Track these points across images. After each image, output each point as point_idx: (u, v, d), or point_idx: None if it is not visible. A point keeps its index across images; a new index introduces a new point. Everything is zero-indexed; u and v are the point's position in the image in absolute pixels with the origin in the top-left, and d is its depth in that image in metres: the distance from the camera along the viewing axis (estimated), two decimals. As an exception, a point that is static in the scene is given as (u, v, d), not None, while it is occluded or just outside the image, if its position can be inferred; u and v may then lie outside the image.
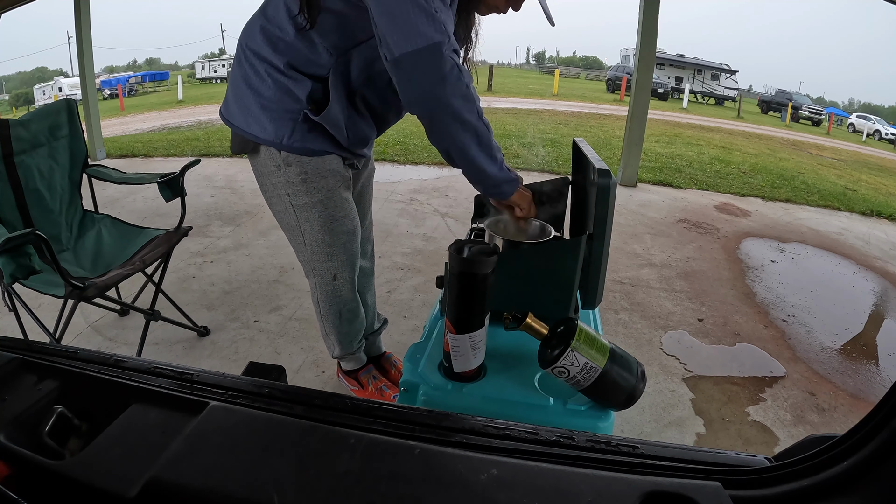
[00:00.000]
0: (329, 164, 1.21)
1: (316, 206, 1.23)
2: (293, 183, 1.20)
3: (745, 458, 0.44)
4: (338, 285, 1.35)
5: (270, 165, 1.20)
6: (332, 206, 1.24)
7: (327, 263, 1.31)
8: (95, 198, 1.95)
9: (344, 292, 1.37)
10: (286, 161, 1.18)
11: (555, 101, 14.56)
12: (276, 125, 1.14)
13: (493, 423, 0.47)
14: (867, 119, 20.55)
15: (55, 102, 1.82)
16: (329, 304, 1.37)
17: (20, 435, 0.42)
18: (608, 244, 0.95)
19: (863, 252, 3.26)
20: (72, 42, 32.79)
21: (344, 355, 1.51)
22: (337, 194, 1.25)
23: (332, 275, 1.33)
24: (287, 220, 1.28)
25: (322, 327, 1.45)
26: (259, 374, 0.54)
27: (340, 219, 1.27)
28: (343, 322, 1.41)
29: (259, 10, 1.14)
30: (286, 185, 1.21)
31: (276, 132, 1.14)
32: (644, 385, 0.80)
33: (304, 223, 1.26)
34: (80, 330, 1.96)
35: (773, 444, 1.54)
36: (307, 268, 1.34)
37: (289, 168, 1.18)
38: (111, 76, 26.53)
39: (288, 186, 1.21)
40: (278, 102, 1.12)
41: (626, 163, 4.23)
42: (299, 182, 1.20)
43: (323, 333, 1.47)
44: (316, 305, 1.41)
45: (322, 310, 1.39)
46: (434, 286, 1.05)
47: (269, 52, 1.10)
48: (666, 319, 2.20)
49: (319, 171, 1.20)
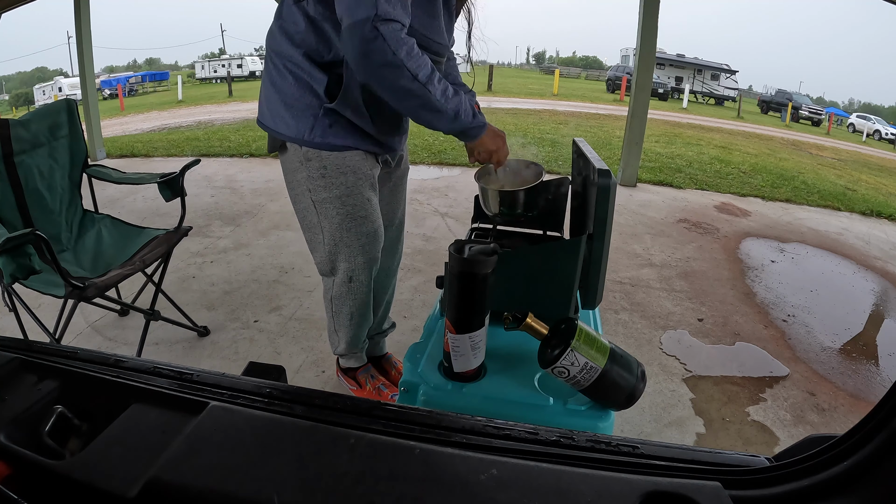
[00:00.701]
0: (350, 161, 1.21)
1: (334, 201, 1.23)
2: (313, 178, 1.22)
3: (745, 458, 0.44)
4: (353, 287, 1.34)
5: (295, 162, 1.22)
6: (352, 203, 1.24)
7: (345, 264, 1.30)
8: (95, 198, 1.95)
9: (359, 294, 1.36)
10: (307, 156, 1.20)
11: (555, 101, 14.56)
12: (298, 121, 1.17)
13: (493, 423, 0.47)
14: (867, 119, 20.55)
15: (55, 102, 1.82)
16: (342, 303, 1.37)
17: (20, 435, 0.42)
18: (608, 244, 0.95)
19: (863, 252, 3.26)
20: (72, 42, 32.81)
21: (347, 353, 1.51)
22: (358, 192, 1.24)
23: (348, 276, 1.32)
24: (308, 219, 1.29)
25: (331, 324, 1.44)
26: (259, 374, 0.54)
27: (360, 218, 1.26)
28: (353, 324, 1.41)
29: (276, 14, 1.20)
30: (307, 181, 1.23)
31: (298, 128, 1.17)
32: (644, 385, 0.80)
33: (323, 220, 1.26)
34: (80, 330, 1.96)
35: (773, 444, 1.54)
36: (324, 267, 1.34)
37: (309, 163, 1.20)
38: (111, 76, 26.54)
39: (309, 182, 1.23)
40: (299, 99, 1.16)
41: (626, 163, 4.24)
42: (318, 177, 1.21)
43: (330, 329, 1.47)
44: (329, 303, 1.40)
45: (334, 308, 1.39)
46: (434, 286, 1.05)
47: (287, 47, 1.15)
48: (666, 319, 2.20)
49: (339, 167, 1.21)
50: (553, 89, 17.71)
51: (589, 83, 29.60)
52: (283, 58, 1.16)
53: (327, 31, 1.13)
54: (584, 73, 41.88)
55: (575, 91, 19.61)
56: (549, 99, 15.16)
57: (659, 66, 21.08)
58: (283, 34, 1.16)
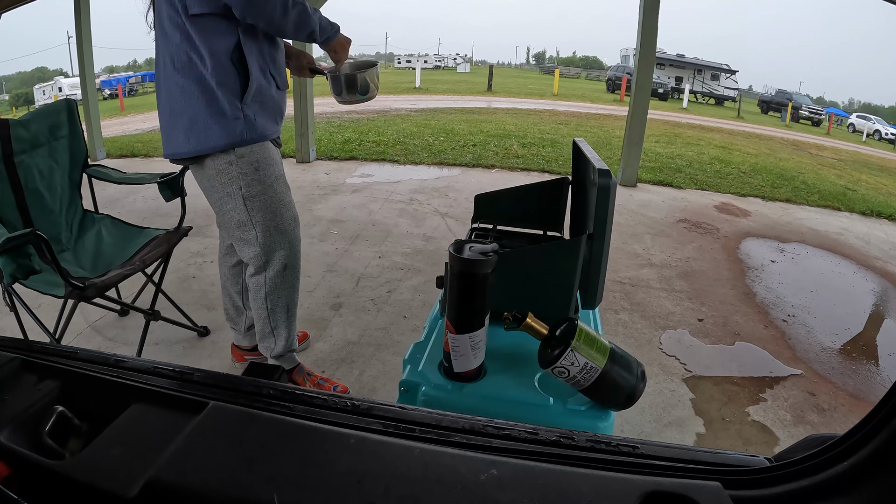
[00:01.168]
0: (271, 151, 1.33)
1: (267, 191, 1.32)
2: (246, 174, 1.29)
3: (745, 458, 0.44)
4: (287, 276, 1.40)
5: (221, 165, 1.29)
6: (279, 190, 1.35)
7: (281, 251, 1.37)
8: (95, 198, 1.95)
9: (294, 282, 1.42)
10: (239, 155, 1.28)
11: (555, 101, 14.56)
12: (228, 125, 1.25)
13: (493, 423, 0.47)
14: (867, 119, 20.54)
15: (55, 102, 1.82)
16: (278, 296, 1.41)
17: (20, 435, 0.42)
18: (608, 244, 0.95)
19: (863, 252, 3.26)
20: (72, 42, 32.78)
21: (284, 353, 1.51)
22: (282, 180, 1.36)
23: (283, 264, 1.38)
24: (237, 217, 1.34)
25: (266, 325, 1.45)
26: (259, 374, 0.54)
27: (288, 203, 1.37)
28: (290, 317, 1.45)
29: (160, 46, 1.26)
30: (240, 178, 1.30)
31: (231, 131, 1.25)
32: (644, 385, 0.80)
33: (255, 214, 1.32)
34: (80, 330, 1.96)
35: (773, 444, 1.54)
36: (259, 261, 1.38)
37: (242, 160, 1.28)
38: (111, 76, 26.52)
39: (241, 178, 1.30)
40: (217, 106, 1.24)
41: (626, 163, 4.24)
42: (252, 171, 1.29)
43: (264, 333, 1.47)
44: (263, 303, 1.42)
45: (270, 304, 1.41)
46: (434, 286, 1.06)
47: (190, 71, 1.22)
48: (666, 319, 2.20)
49: (266, 159, 1.31)
50: (553, 89, 17.71)
51: (589, 83, 29.62)
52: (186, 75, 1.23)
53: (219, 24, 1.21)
54: (584, 73, 41.90)
55: (575, 91, 19.62)
56: (550, 99, 15.17)
57: (659, 66, 21.07)
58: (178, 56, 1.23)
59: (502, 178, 4.46)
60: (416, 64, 27.90)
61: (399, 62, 38.76)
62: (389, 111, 9.05)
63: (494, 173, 4.68)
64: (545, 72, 45.20)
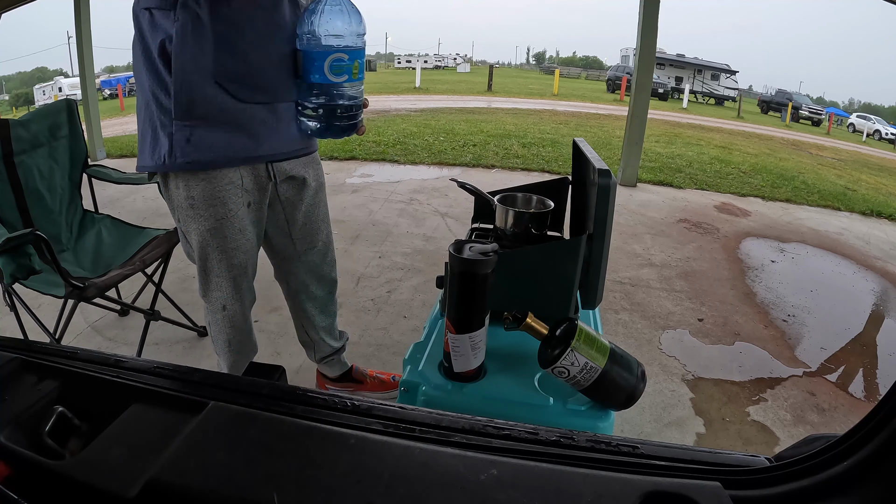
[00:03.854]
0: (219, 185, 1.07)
1: (204, 234, 1.11)
2: (182, 207, 1.09)
3: (745, 458, 0.44)
4: (227, 315, 1.25)
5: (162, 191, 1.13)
6: (221, 237, 1.12)
7: (217, 293, 1.22)
8: (95, 198, 1.95)
9: (236, 322, 1.27)
10: (174, 184, 1.08)
11: (555, 101, 14.56)
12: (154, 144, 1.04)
13: (493, 423, 0.47)
14: (867, 119, 20.55)
15: (55, 102, 1.82)
16: (219, 330, 1.28)
17: (20, 435, 0.42)
18: (608, 244, 0.95)
19: (863, 252, 3.26)
20: (72, 42, 32.79)
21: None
22: (229, 224, 1.12)
23: (221, 304, 1.23)
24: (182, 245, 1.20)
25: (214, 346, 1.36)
26: (259, 374, 0.54)
27: (231, 250, 1.15)
28: (232, 351, 1.32)
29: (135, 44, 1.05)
30: (176, 211, 1.12)
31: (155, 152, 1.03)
32: (644, 385, 0.80)
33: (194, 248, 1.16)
34: (80, 330, 1.96)
35: (773, 444, 1.54)
36: (200, 291, 1.25)
37: (177, 191, 1.08)
38: (111, 76, 26.51)
39: (178, 211, 1.11)
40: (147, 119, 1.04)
41: (626, 163, 4.24)
42: (187, 206, 1.08)
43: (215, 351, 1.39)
44: (207, 326, 1.33)
45: (212, 333, 1.31)
46: (434, 286, 1.05)
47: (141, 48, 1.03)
48: (666, 319, 2.20)
49: (207, 198, 1.07)
50: (553, 89, 17.71)
51: (589, 83, 29.63)
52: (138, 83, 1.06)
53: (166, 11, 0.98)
54: (585, 73, 41.92)
55: (575, 91, 19.62)
56: (550, 99, 15.16)
57: (659, 66, 21.07)
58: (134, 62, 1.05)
59: (502, 178, 4.46)
60: (415, 64, 27.91)
61: (399, 62, 38.81)
62: (389, 111, 9.05)
63: (494, 173, 4.68)
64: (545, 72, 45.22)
